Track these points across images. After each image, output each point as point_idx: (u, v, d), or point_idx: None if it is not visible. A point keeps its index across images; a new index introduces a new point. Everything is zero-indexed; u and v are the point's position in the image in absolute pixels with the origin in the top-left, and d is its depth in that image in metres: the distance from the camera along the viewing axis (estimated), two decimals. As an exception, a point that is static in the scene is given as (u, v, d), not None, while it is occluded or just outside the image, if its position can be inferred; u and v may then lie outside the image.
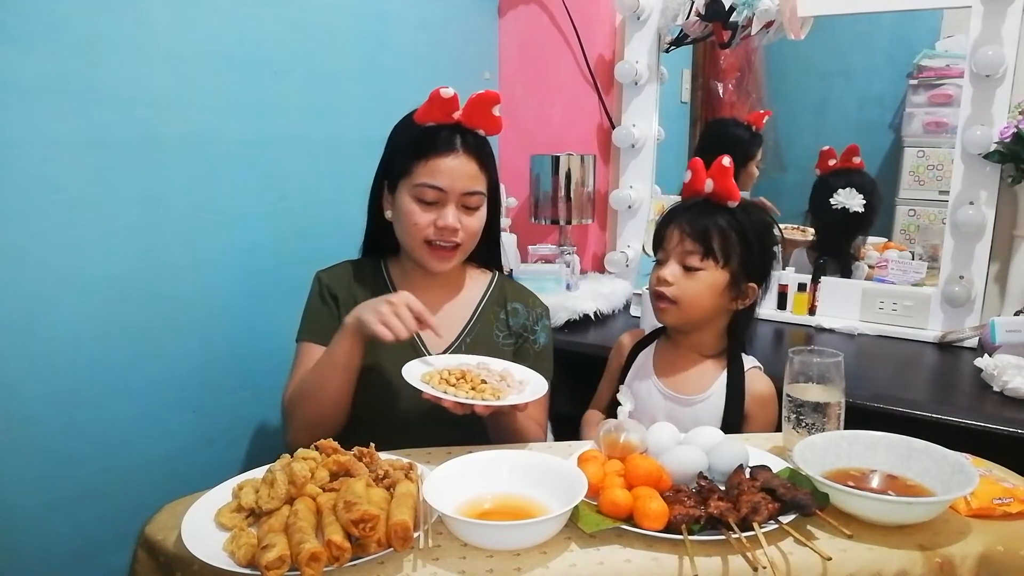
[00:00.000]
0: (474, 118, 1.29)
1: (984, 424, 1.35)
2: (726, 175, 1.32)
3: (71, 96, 1.29)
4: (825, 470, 0.99)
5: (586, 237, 2.39)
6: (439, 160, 1.26)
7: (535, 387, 1.19)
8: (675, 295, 1.32)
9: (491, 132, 1.32)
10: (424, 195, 1.27)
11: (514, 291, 1.46)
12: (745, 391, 1.34)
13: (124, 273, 1.39)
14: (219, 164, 1.54)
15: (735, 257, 1.31)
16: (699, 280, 1.31)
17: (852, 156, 2.09)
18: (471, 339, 1.37)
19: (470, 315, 1.39)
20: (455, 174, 1.26)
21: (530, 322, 1.42)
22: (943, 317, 1.85)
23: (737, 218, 1.32)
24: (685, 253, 1.31)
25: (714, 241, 1.30)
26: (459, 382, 1.15)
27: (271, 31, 1.63)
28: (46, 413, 1.30)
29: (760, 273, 1.35)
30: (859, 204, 2.05)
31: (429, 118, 1.28)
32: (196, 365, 1.53)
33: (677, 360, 1.41)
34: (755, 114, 2.33)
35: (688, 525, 0.88)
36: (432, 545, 0.87)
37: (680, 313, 1.33)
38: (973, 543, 0.90)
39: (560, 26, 2.31)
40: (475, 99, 1.28)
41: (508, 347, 1.40)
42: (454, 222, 1.27)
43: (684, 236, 1.32)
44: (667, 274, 1.32)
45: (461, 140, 1.27)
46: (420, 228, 1.28)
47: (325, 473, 0.96)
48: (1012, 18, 1.72)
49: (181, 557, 0.88)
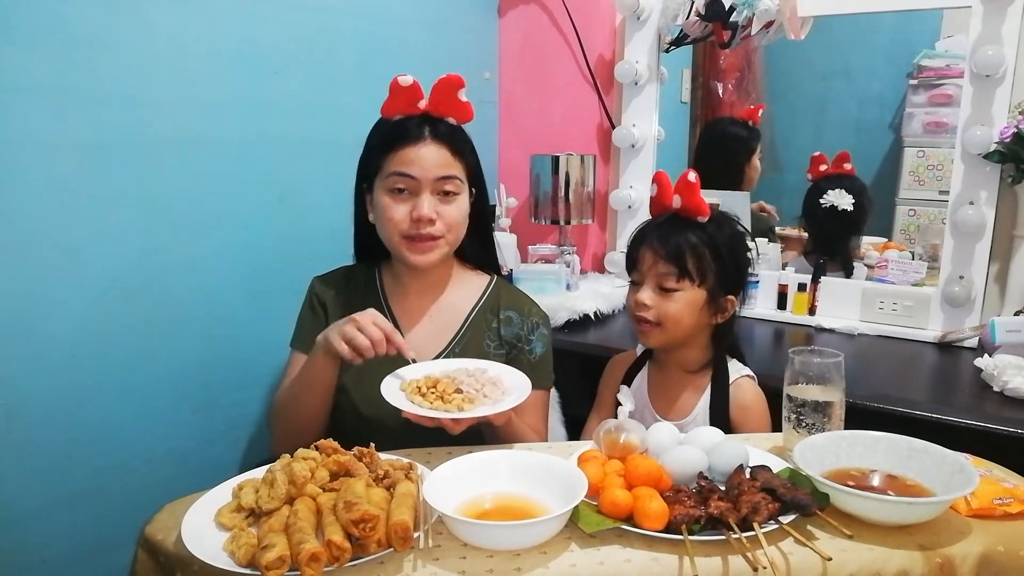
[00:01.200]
0: (441, 106, 1.26)
1: (984, 424, 1.35)
2: (693, 191, 1.28)
3: (71, 96, 1.29)
4: (825, 470, 0.99)
5: (586, 237, 2.39)
6: (408, 149, 1.23)
7: (516, 397, 1.11)
8: (656, 318, 1.30)
9: (462, 119, 1.29)
10: (395, 184, 1.24)
11: (510, 297, 1.41)
12: (729, 403, 1.34)
13: (124, 273, 1.39)
14: (219, 164, 1.54)
15: (711, 274, 1.29)
16: (677, 301, 1.29)
17: (843, 162, 2.10)
18: (460, 348, 1.34)
19: (461, 322, 1.36)
20: (424, 162, 1.23)
21: (524, 331, 1.36)
22: (943, 317, 1.85)
23: (709, 233, 1.29)
24: (660, 275, 1.29)
25: (688, 262, 1.28)
26: (428, 392, 1.10)
27: (271, 31, 1.63)
28: (46, 413, 1.30)
29: (736, 285, 1.33)
30: (848, 203, 2.06)
31: (395, 110, 1.26)
32: (196, 365, 1.53)
33: (667, 382, 1.40)
34: (750, 110, 2.34)
35: (688, 525, 0.88)
36: (432, 545, 0.87)
37: (663, 335, 1.32)
38: (973, 543, 0.90)
39: (560, 26, 2.31)
40: (438, 85, 1.25)
41: (499, 357, 1.35)
42: (429, 211, 1.23)
43: (657, 258, 1.29)
44: (644, 298, 1.31)
45: (430, 129, 1.25)
46: (396, 222, 1.24)
47: (325, 473, 0.96)
48: (1012, 18, 1.72)
49: (181, 557, 0.87)
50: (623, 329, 1.97)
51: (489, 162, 2.44)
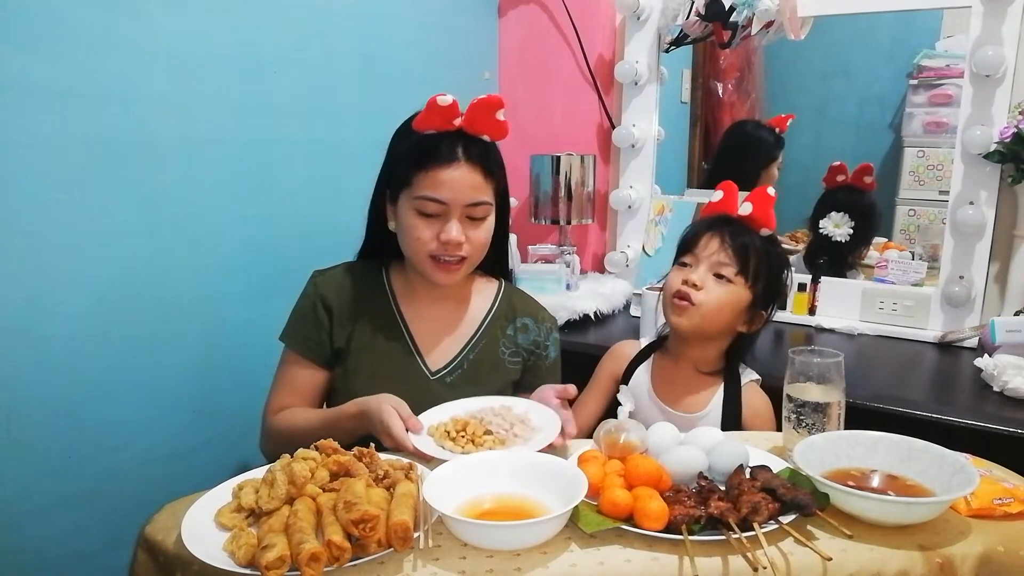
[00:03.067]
0: (476, 124, 1.22)
1: (984, 424, 1.35)
2: (769, 203, 1.34)
3: (71, 96, 1.28)
4: (825, 470, 0.99)
5: (586, 237, 2.39)
6: (440, 171, 1.19)
7: (547, 435, 1.09)
8: (700, 300, 1.30)
9: (496, 137, 1.27)
10: (425, 208, 1.21)
11: (523, 305, 1.41)
12: (742, 406, 1.35)
13: (124, 273, 1.39)
14: (219, 164, 1.54)
15: (761, 281, 1.32)
16: (727, 291, 1.31)
17: (864, 175, 2.08)
18: (474, 355, 1.34)
19: (475, 330, 1.35)
20: (457, 185, 1.20)
21: (541, 337, 1.39)
22: (943, 317, 1.85)
23: (768, 247, 1.34)
24: (720, 263, 1.31)
25: (751, 260, 1.31)
26: (458, 435, 1.09)
27: (271, 31, 1.63)
28: (46, 413, 1.30)
29: (772, 303, 1.36)
30: (844, 235, 2.06)
31: (428, 126, 1.21)
32: (196, 366, 1.53)
33: (675, 376, 1.41)
34: (779, 118, 2.33)
35: (688, 525, 0.88)
36: (432, 545, 0.87)
37: (698, 317, 1.31)
38: (973, 543, 0.90)
39: (560, 26, 2.31)
40: (477, 104, 1.21)
41: (515, 364, 1.36)
42: (458, 236, 1.21)
43: (724, 246, 1.31)
44: (696, 278, 1.31)
45: (463, 149, 1.21)
46: (423, 243, 1.22)
47: (325, 473, 0.96)
48: (1012, 18, 1.72)
49: (181, 557, 0.87)
50: (623, 329, 1.97)
51: (489, 162, 2.45)
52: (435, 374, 1.32)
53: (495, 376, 1.35)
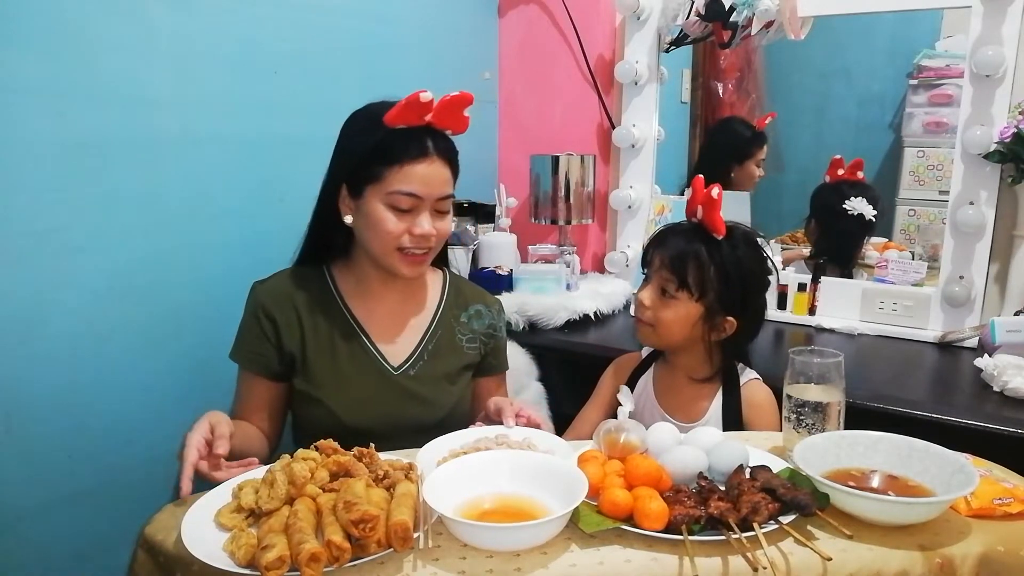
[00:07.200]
0: (445, 119, 1.23)
1: (984, 424, 1.35)
2: (713, 207, 1.27)
3: (71, 96, 1.29)
4: (825, 470, 0.99)
5: (586, 237, 2.39)
6: (413, 166, 1.20)
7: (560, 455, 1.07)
8: (650, 319, 1.32)
9: (459, 132, 1.28)
10: (399, 203, 1.21)
11: (471, 292, 1.44)
12: (742, 405, 1.34)
13: (124, 273, 1.39)
14: (219, 164, 1.55)
15: (711, 292, 1.28)
16: (672, 308, 1.30)
17: (857, 170, 2.10)
18: (432, 345, 1.35)
19: (429, 320, 1.37)
20: (430, 180, 1.22)
21: (495, 320, 1.43)
22: (943, 317, 1.85)
23: (721, 251, 1.28)
24: (663, 280, 1.31)
25: (689, 274, 1.28)
26: None
27: (271, 31, 1.63)
28: (46, 413, 1.30)
29: (740, 308, 1.31)
30: (872, 213, 2.06)
31: (401, 120, 1.20)
32: (196, 365, 1.53)
33: (674, 385, 1.40)
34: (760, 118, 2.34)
35: (688, 525, 0.88)
36: (432, 545, 0.87)
37: (655, 336, 1.34)
38: (973, 543, 0.90)
39: (560, 26, 2.31)
40: (448, 101, 1.21)
41: (473, 349, 1.39)
42: (430, 229, 1.23)
43: (663, 263, 1.31)
44: (643, 297, 1.33)
45: (433, 144, 1.22)
46: (394, 236, 1.22)
47: (325, 473, 0.96)
48: (1012, 18, 1.72)
49: (181, 557, 0.87)
50: (623, 329, 1.97)
51: (489, 162, 2.45)
52: (398, 369, 1.32)
53: (454, 363, 1.37)
